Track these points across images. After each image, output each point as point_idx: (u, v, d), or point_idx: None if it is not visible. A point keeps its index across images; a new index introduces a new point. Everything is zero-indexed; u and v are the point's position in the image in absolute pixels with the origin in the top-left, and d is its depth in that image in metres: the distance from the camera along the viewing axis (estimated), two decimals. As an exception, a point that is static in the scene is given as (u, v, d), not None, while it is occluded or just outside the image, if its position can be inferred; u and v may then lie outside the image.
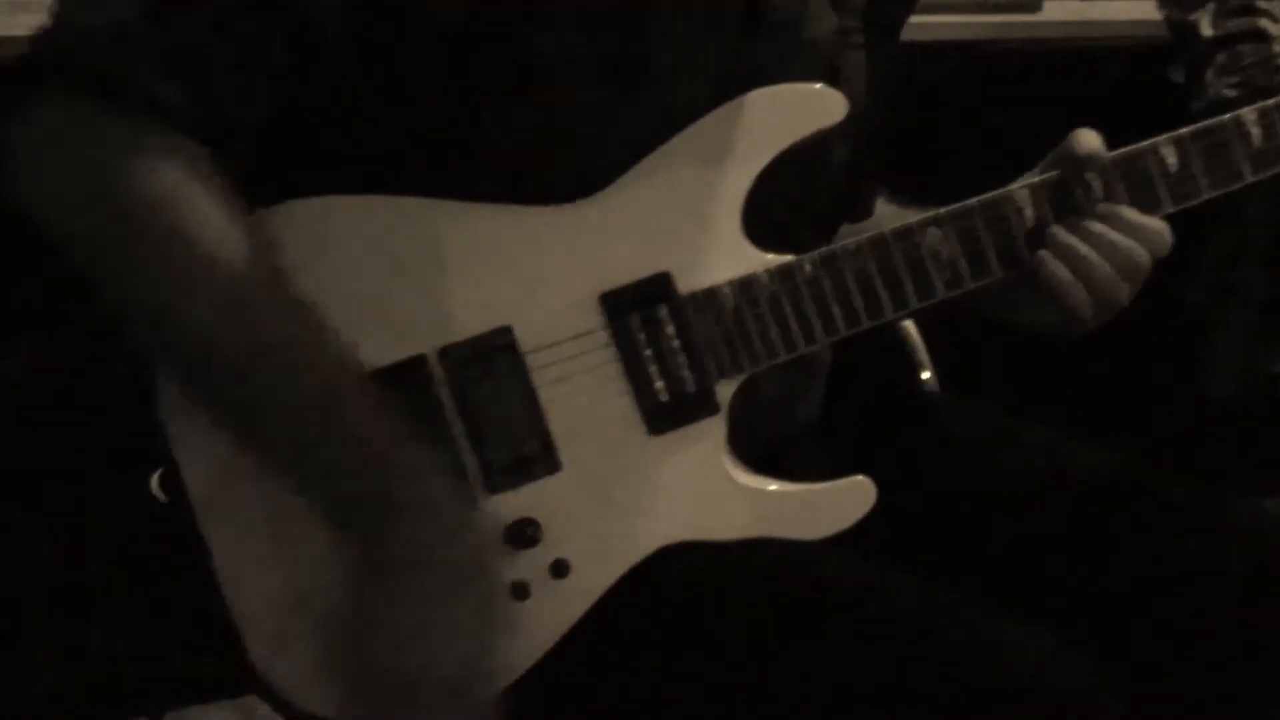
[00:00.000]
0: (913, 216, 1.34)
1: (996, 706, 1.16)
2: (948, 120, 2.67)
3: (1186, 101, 2.45)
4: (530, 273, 1.26)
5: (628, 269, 1.28)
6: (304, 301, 1.18)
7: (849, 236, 1.39)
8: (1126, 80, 2.74)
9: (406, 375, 1.25)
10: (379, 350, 1.24)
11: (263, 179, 1.21)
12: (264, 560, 1.24)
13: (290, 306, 1.17)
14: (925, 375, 1.73)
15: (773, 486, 1.30)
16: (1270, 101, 1.37)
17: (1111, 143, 1.36)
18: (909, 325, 1.72)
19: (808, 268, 1.31)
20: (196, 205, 1.15)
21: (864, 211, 1.51)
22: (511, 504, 1.26)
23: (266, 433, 1.18)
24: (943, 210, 1.34)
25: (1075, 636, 1.22)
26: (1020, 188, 1.35)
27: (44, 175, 1.17)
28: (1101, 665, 1.20)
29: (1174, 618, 1.31)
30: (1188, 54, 2.48)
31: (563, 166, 1.27)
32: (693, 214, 1.29)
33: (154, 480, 1.29)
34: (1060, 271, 1.33)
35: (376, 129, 1.25)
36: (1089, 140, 1.34)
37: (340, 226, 1.25)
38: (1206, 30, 2.45)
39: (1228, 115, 1.37)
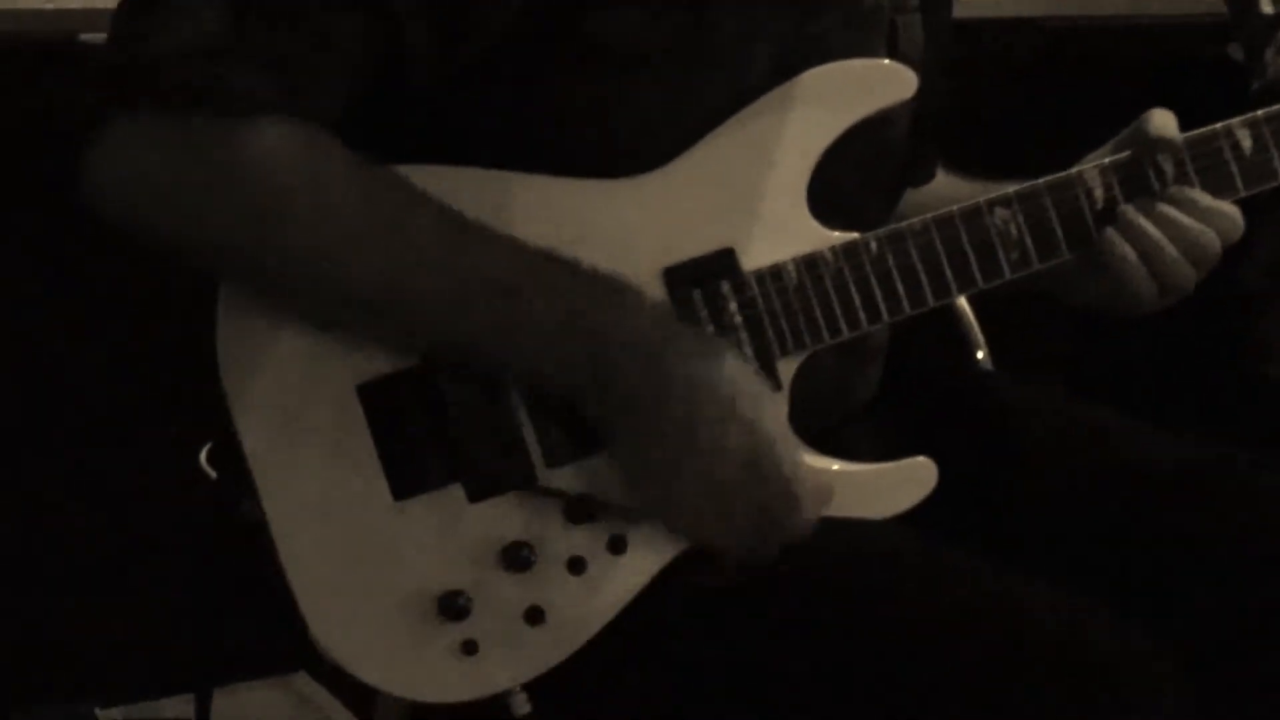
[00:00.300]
0: (973, 187, 1.33)
1: (1059, 687, 1.15)
2: (1006, 95, 2.64)
3: (1245, 80, 2.42)
4: (592, 246, 1.25)
5: (691, 244, 1.27)
6: (458, 212, 1.20)
7: (911, 204, 1.38)
8: (1185, 58, 2.71)
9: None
10: None
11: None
12: (320, 523, 1.23)
13: (458, 224, 1.19)
14: (980, 355, 1.71)
15: (835, 466, 1.29)
16: None
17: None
18: (963, 304, 1.71)
19: (873, 246, 1.29)
20: (331, 168, 1.18)
21: (926, 177, 1.50)
22: (570, 479, 1.25)
23: (511, 359, 1.21)
24: (1010, 190, 1.32)
25: (1136, 615, 1.21)
26: (1090, 168, 1.33)
27: (160, 190, 1.18)
28: (1168, 649, 1.19)
29: (1241, 600, 1.30)
30: (1247, 32, 2.45)
31: (626, 141, 1.26)
32: (758, 190, 1.28)
33: (202, 455, 1.29)
34: (1127, 253, 1.31)
35: (441, 106, 1.25)
36: (1164, 121, 1.32)
37: None
38: (1266, 8, 2.41)
39: None
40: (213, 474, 1.27)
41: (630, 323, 1.20)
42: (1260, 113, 1.34)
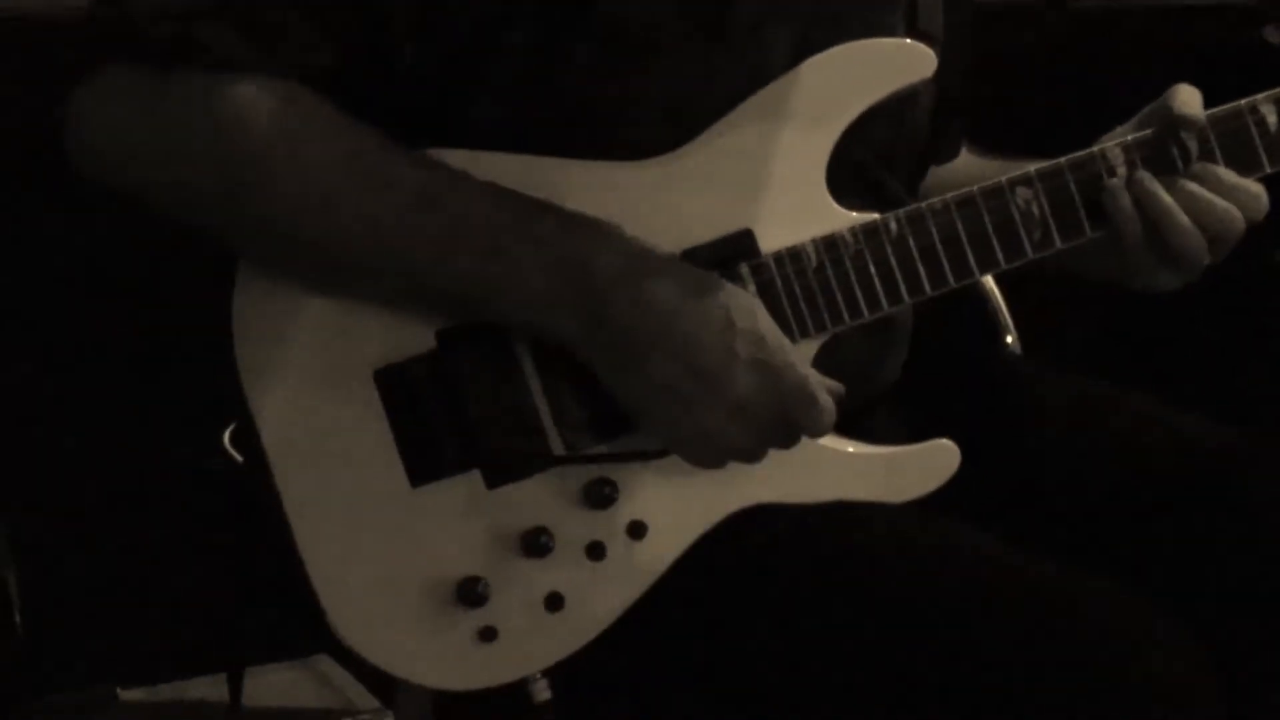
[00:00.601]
0: (995, 166, 1.31)
1: (1084, 672, 1.14)
2: (1036, 76, 2.62)
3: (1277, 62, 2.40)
4: (609, 229, 1.24)
5: (709, 226, 1.26)
6: (440, 163, 1.20)
7: (934, 183, 1.36)
8: (1218, 40, 2.68)
9: (484, 332, 1.23)
10: None
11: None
12: (337, 511, 1.23)
13: (440, 175, 1.19)
14: (1009, 339, 1.69)
15: (855, 449, 1.28)
16: None
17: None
18: (991, 288, 1.69)
19: (893, 226, 1.28)
20: (311, 124, 1.18)
21: (950, 153, 1.48)
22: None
23: (504, 307, 1.20)
24: (1032, 169, 1.30)
25: (1162, 603, 1.19)
26: (1113, 145, 1.31)
27: (138, 145, 1.19)
28: (1194, 636, 1.17)
29: (1270, 588, 1.27)
30: (1281, 14, 2.43)
31: (646, 123, 1.25)
32: (776, 171, 1.26)
33: (225, 437, 1.29)
34: (1131, 215, 1.29)
35: (449, 88, 1.24)
36: (1188, 98, 1.30)
37: None
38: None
39: None
40: (238, 456, 1.27)
41: (616, 257, 1.19)
42: None
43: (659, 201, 1.25)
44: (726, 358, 1.18)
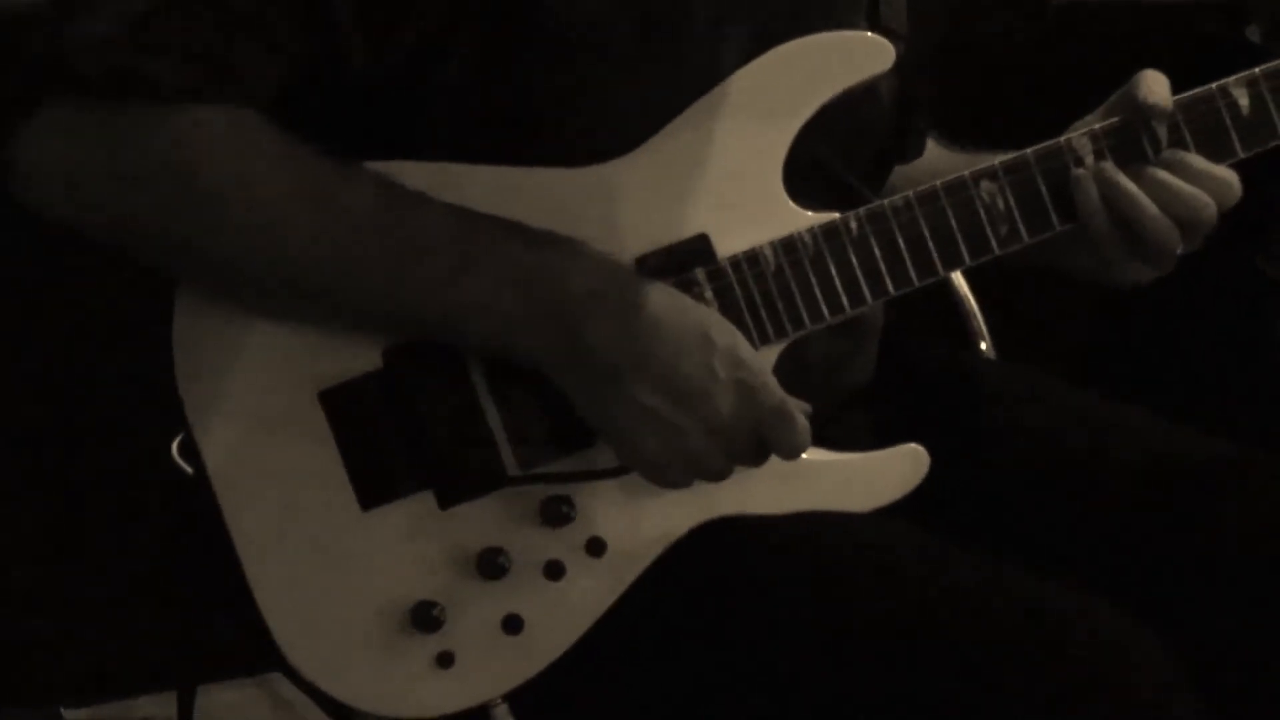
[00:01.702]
0: (965, 159, 1.28)
1: (1056, 678, 1.10)
2: (1015, 72, 2.59)
3: (1262, 63, 2.36)
4: (560, 237, 1.20)
5: (664, 231, 1.22)
6: (394, 182, 1.16)
7: (900, 180, 1.33)
8: (1200, 39, 2.65)
9: (433, 348, 1.19)
10: None
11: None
12: (285, 538, 1.19)
13: (394, 194, 1.16)
14: (983, 346, 1.65)
15: (817, 456, 1.23)
16: None
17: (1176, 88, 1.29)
18: (964, 289, 1.65)
19: (853, 226, 1.24)
20: (258, 151, 1.15)
21: (915, 151, 1.44)
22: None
23: (468, 331, 1.17)
24: (997, 161, 1.26)
25: (1137, 611, 1.16)
26: (1080, 135, 1.27)
27: (84, 180, 1.16)
28: (1169, 645, 1.14)
29: (1245, 598, 1.24)
30: (1266, 12, 2.40)
31: (598, 127, 1.21)
32: (731, 172, 1.23)
33: (174, 447, 1.26)
34: (1103, 219, 1.25)
35: (394, 97, 1.20)
36: (1154, 85, 1.27)
37: None
38: (1294, -13, 2.36)
39: None
40: (188, 468, 1.23)
41: (589, 276, 1.16)
42: (1259, 70, 1.28)
43: (609, 207, 1.21)
44: (707, 378, 1.15)
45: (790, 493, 1.22)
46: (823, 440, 1.24)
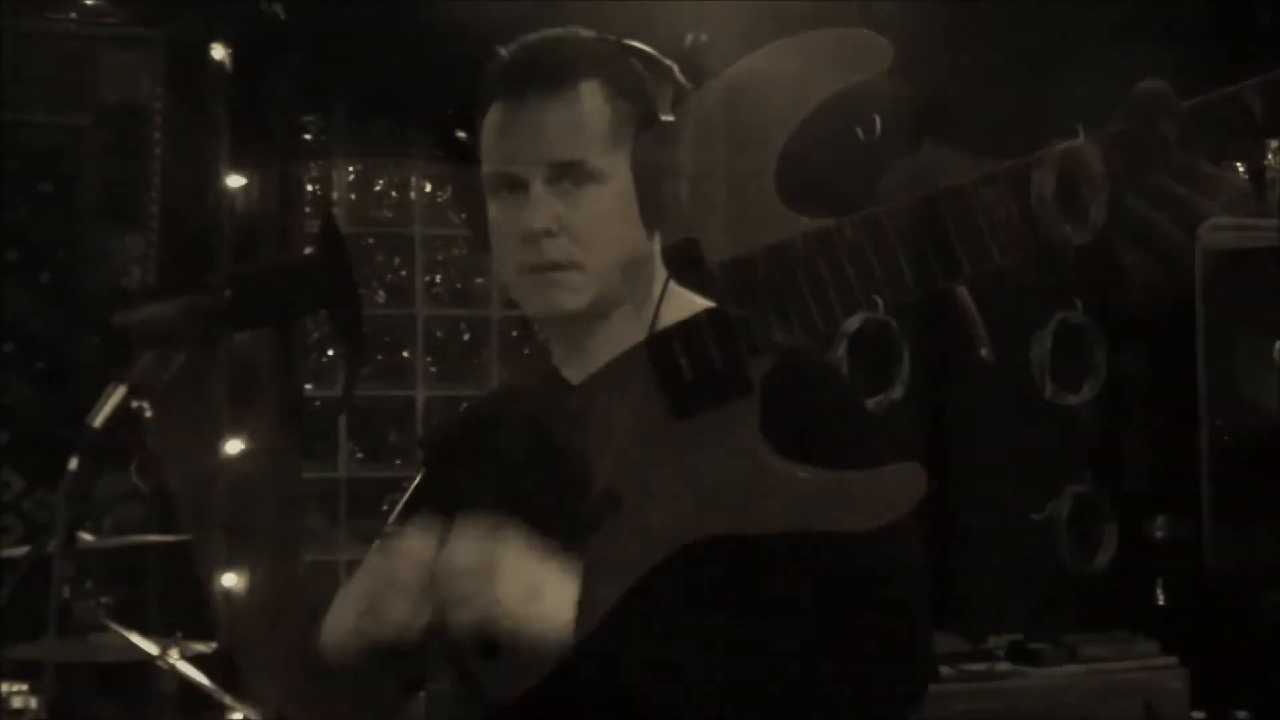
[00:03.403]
0: (959, 162, 1.24)
1: None
2: (1008, 60, 2.55)
3: (1270, 47, 2.33)
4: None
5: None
6: None
7: (892, 181, 1.29)
8: (1207, 21, 2.61)
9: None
10: None
11: None
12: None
13: None
14: (983, 352, 1.60)
15: (813, 475, 1.18)
16: None
17: (1189, 90, 1.25)
18: (965, 296, 1.60)
19: (848, 232, 1.19)
20: None
21: (909, 152, 1.40)
22: None
23: None
24: (999, 167, 1.22)
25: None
26: (1088, 141, 1.23)
27: None
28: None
29: None
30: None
31: None
32: (721, 176, 1.18)
33: (132, 469, 1.22)
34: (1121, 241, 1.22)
35: None
36: (1158, 92, 1.23)
37: None
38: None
39: None
40: (144, 487, 1.19)
41: None
42: (1271, 75, 1.24)
43: None
44: None
45: (785, 511, 1.15)
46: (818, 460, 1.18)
